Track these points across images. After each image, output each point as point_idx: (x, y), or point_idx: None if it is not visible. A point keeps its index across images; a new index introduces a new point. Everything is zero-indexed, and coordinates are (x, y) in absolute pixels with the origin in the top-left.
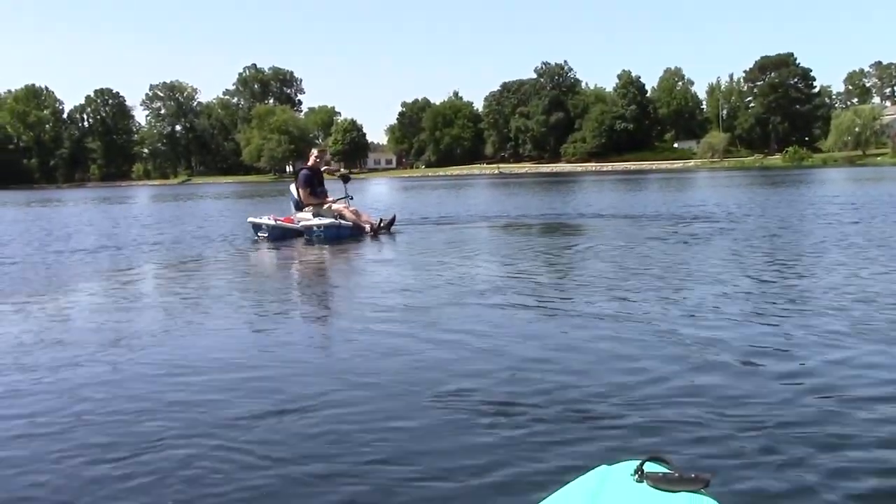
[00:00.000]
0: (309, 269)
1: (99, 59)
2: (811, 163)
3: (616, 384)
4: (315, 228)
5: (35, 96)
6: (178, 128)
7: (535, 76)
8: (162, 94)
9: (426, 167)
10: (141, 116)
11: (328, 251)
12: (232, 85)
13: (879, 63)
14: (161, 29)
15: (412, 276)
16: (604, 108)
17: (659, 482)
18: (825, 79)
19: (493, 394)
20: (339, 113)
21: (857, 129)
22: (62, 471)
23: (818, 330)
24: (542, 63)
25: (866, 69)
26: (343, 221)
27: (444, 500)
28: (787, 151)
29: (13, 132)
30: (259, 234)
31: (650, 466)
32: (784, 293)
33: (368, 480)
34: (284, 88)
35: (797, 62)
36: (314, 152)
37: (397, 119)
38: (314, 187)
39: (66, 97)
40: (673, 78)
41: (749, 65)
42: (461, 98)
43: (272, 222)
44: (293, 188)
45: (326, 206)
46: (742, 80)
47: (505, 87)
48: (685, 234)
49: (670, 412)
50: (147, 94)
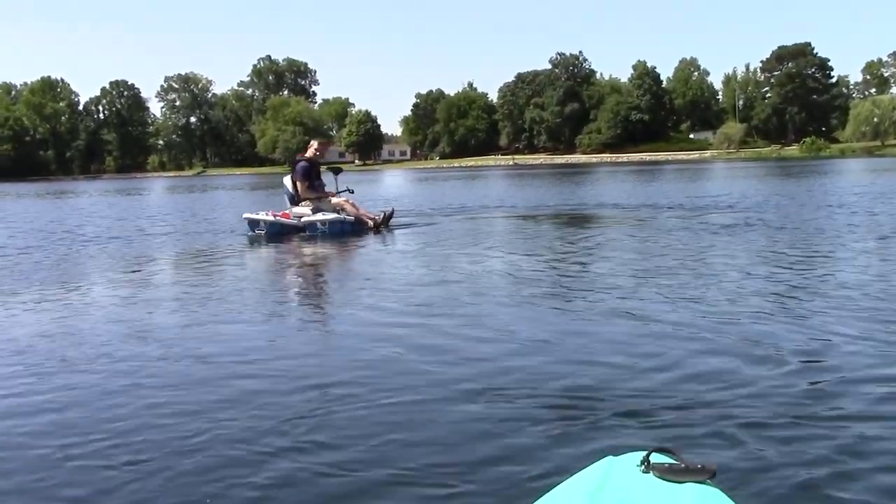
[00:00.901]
0: (319, 266)
1: (114, 51)
2: (829, 153)
3: (635, 377)
4: (319, 225)
5: (51, 88)
6: (192, 119)
7: (549, 67)
8: (177, 86)
9: (440, 158)
10: (156, 108)
11: (334, 247)
12: (246, 76)
13: None
14: (176, 21)
15: (431, 270)
16: (619, 99)
17: (665, 473)
18: (843, 69)
19: (514, 385)
20: (354, 104)
21: (875, 120)
22: (75, 468)
23: (843, 325)
24: (557, 53)
25: (885, 59)
26: (345, 216)
27: (451, 488)
28: (804, 142)
29: (29, 124)
30: (256, 231)
31: (656, 457)
32: (813, 286)
33: (391, 467)
34: (299, 80)
35: (815, 52)
36: (314, 144)
37: (411, 110)
38: (312, 180)
39: (82, 89)
40: (689, 68)
41: (765, 55)
42: (475, 89)
43: (270, 218)
44: (287, 181)
45: (326, 200)
46: (759, 71)
47: (520, 77)
48: (713, 225)
49: (686, 403)
50: (162, 86)
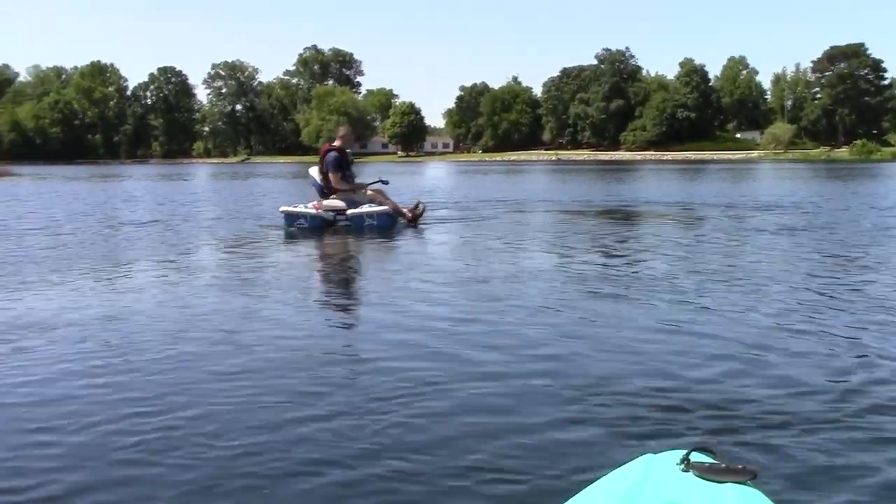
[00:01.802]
0: (371, 261)
1: (163, 38)
2: (880, 156)
3: (680, 376)
4: (367, 218)
5: (100, 73)
6: (238, 107)
7: (595, 62)
8: (223, 74)
9: (483, 152)
10: (202, 95)
11: (377, 241)
12: (292, 65)
13: None
14: (224, 8)
15: (477, 265)
16: (665, 96)
17: (705, 472)
18: None
19: (553, 380)
20: (398, 96)
21: None
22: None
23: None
24: (604, 49)
25: None
26: (378, 207)
27: (489, 484)
28: (854, 144)
29: (79, 108)
30: (296, 225)
31: (696, 456)
32: (868, 291)
33: (431, 465)
34: (344, 70)
35: (868, 53)
36: (341, 131)
37: (455, 103)
38: (345, 171)
39: (131, 75)
40: (737, 66)
41: (816, 55)
42: (520, 83)
43: (312, 211)
44: (314, 172)
45: (361, 191)
46: (809, 71)
47: (565, 72)
48: (771, 226)
49: (731, 405)
50: (209, 73)
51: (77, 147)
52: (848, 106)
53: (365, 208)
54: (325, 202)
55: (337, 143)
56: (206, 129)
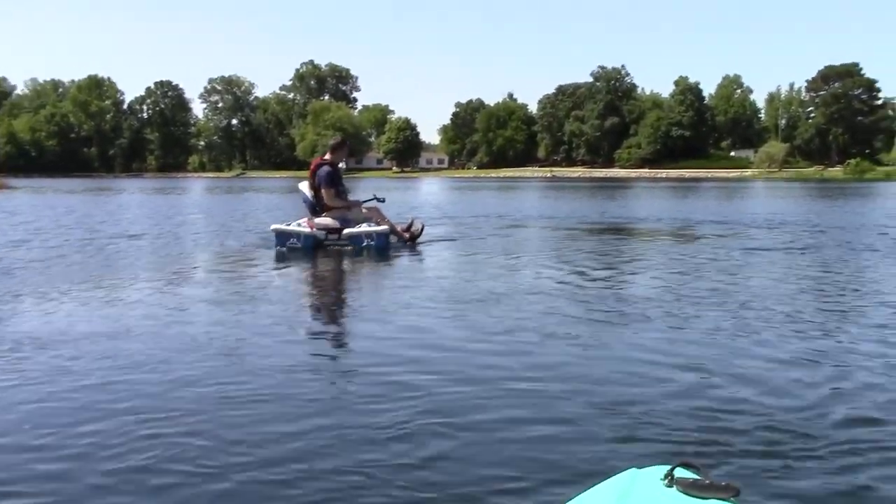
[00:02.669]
0: (382, 282)
1: (160, 52)
2: (873, 176)
3: (669, 393)
4: (365, 238)
5: (97, 86)
6: (234, 121)
7: (590, 80)
8: (220, 88)
9: (478, 168)
10: (198, 109)
11: (374, 262)
12: (289, 80)
13: None
14: (221, 23)
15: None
16: (660, 115)
17: (689, 488)
18: (889, 91)
19: (543, 391)
20: (393, 111)
21: None
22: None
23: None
24: (599, 67)
25: None
26: (377, 227)
27: (472, 496)
28: (848, 163)
29: (75, 121)
30: (288, 245)
31: (680, 472)
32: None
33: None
34: (340, 85)
35: (862, 72)
36: (339, 144)
37: (450, 119)
38: (338, 186)
39: (128, 88)
40: (731, 85)
41: (810, 74)
42: (515, 100)
43: (306, 230)
44: (305, 188)
45: (355, 209)
46: (803, 90)
47: (560, 90)
48: (775, 244)
49: (714, 419)
50: (205, 88)
51: (73, 160)
52: (842, 125)
53: (364, 227)
54: (317, 220)
55: (329, 156)
56: (202, 143)
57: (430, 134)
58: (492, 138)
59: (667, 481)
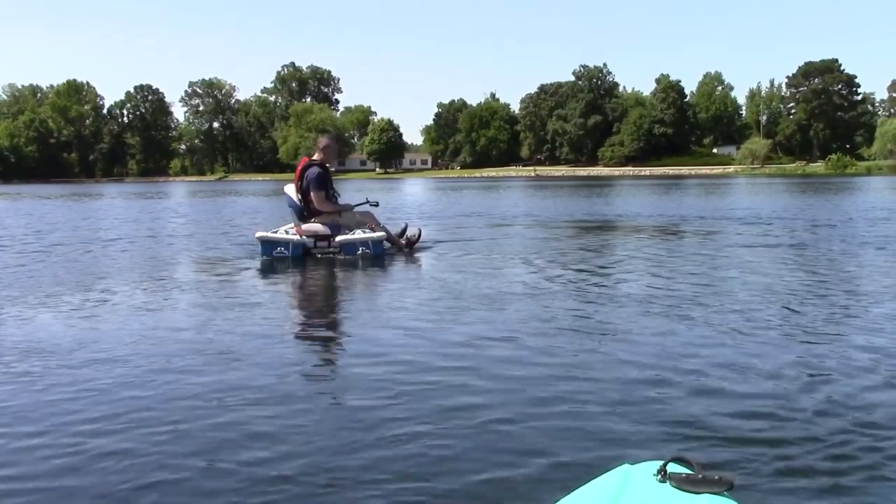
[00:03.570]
0: (380, 292)
1: (139, 56)
2: (854, 171)
3: (664, 388)
4: (360, 245)
5: (76, 91)
6: (215, 125)
7: (572, 79)
8: (200, 91)
9: (461, 168)
10: (179, 113)
11: (368, 271)
12: (270, 83)
13: None
14: (201, 26)
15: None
16: (642, 112)
17: (682, 483)
18: (869, 86)
19: (536, 390)
20: (375, 113)
21: None
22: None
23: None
24: (581, 66)
25: None
26: (371, 233)
27: (467, 489)
28: (829, 159)
29: (54, 126)
30: (275, 254)
31: (673, 467)
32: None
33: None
34: (322, 87)
35: (842, 68)
36: (323, 142)
37: (433, 120)
38: (328, 190)
39: (107, 93)
40: (712, 83)
41: (790, 70)
42: (498, 99)
43: (295, 238)
44: (291, 191)
45: (348, 213)
46: (784, 86)
47: (542, 89)
48: (764, 239)
49: (708, 414)
50: (186, 91)
51: (53, 165)
52: (822, 121)
53: (358, 234)
54: (305, 226)
55: (317, 156)
56: (183, 146)
57: (413, 135)
58: (475, 138)
59: (660, 476)
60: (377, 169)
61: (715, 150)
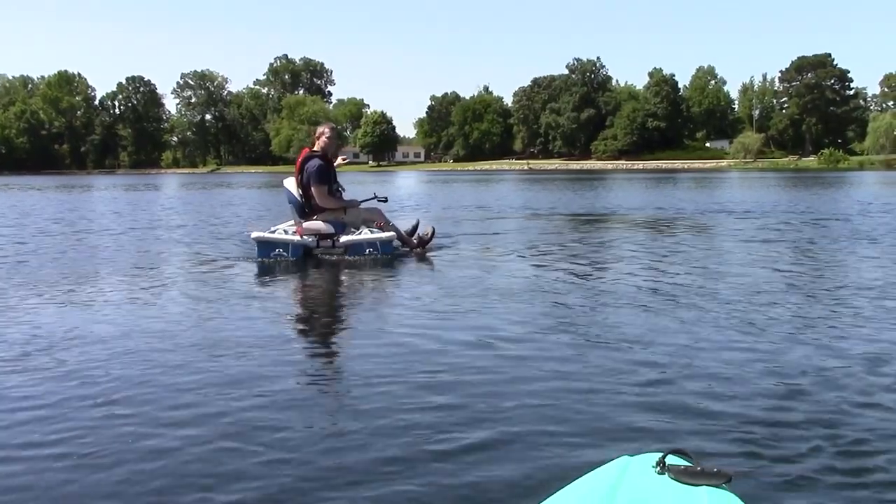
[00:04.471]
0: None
1: (131, 47)
2: (847, 165)
3: (661, 380)
4: (367, 246)
5: (68, 82)
6: (207, 117)
7: (566, 72)
8: (192, 83)
9: (454, 161)
10: (171, 105)
11: (383, 273)
12: (263, 75)
13: None
14: (193, 18)
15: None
16: (635, 106)
17: (680, 475)
18: (861, 81)
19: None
20: (368, 105)
21: (895, 133)
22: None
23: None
24: (574, 59)
25: None
26: (380, 233)
27: (465, 477)
28: (822, 153)
29: (45, 118)
30: (272, 256)
31: (672, 459)
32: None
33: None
34: (315, 79)
35: (835, 63)
36: (325, 130)
37: (426, 113)
38: (331, 184)
39: (99, 84)
40: (705, 76)
41: (783, 65)
42: (491, 92)
43: (295, 238)
44: (291, 185)
45: (353, 210)
46: (777, 81)
47: (535, 82)
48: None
49: (706, 406)
50: (178, 83)
51: (44, 157)
52: (815, 115)
53: (365, 233)
54: (307, 224)
55: (318, 145)
56: (175, 138)
57: (406, 128)
58: (468, 131)
59: (659, 468)
60: (370, 162)
61: (708, 145)
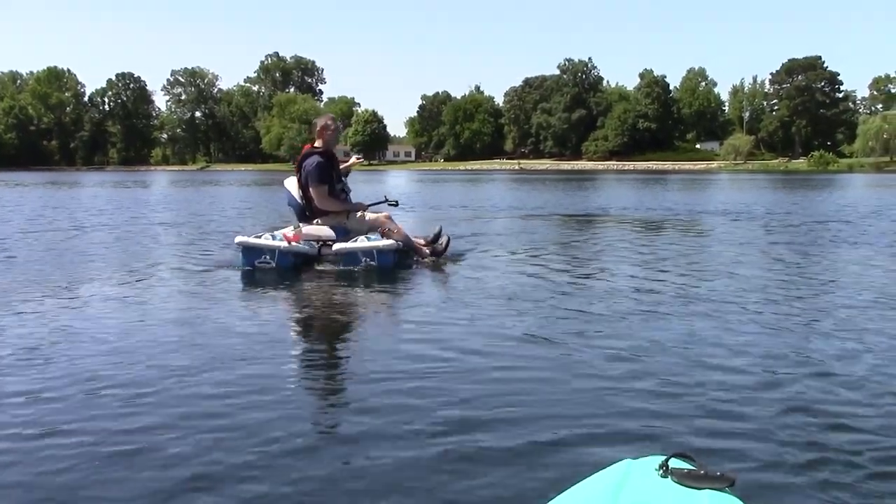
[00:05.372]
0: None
1: (121, 43)
2: (836, 168)
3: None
4: (361, 255)
5: (57, 78)
6: (197, 114)
7: (557, 72)
8: (183, 80)
9: (445, 161)
10: (161, 101)
11: (380, 288)
12: (253, 72)
13: None
14: (184, 14)
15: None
16: (626, 107)
17: (683, 478)
18: (850, 83)
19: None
20: (359, 104)
21: (885, 136)
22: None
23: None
24: (566, 59)
25: (892, 75)
26: (379, 241)
27: (468, 479)
28: (812, 155)
29: (34, 113)
30: (258, 263)
31: (675, 462)
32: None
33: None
34: (306, 77)
35: (825, 66)
36: (327, 123)
37: (417, 112)
38: (333, 184)
39: (88, 80)
40: (696, 78)
41: (773, 67)
42: (482, 92)
43: (282, 244)
44: (292, 186)
45: (357, 215)
46: (767, 83)
47: (527, 82)
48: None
49: (709, 410)
50: (168, 80)
51: (33, 153)
52: (805, 118)
53: (361, 241)
54: (307, 229)
55: (319, 142)
56: (165, 135)
57: (396, 127)
58: (459, 131)
59: (662, 472)
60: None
61: (698, 146)
